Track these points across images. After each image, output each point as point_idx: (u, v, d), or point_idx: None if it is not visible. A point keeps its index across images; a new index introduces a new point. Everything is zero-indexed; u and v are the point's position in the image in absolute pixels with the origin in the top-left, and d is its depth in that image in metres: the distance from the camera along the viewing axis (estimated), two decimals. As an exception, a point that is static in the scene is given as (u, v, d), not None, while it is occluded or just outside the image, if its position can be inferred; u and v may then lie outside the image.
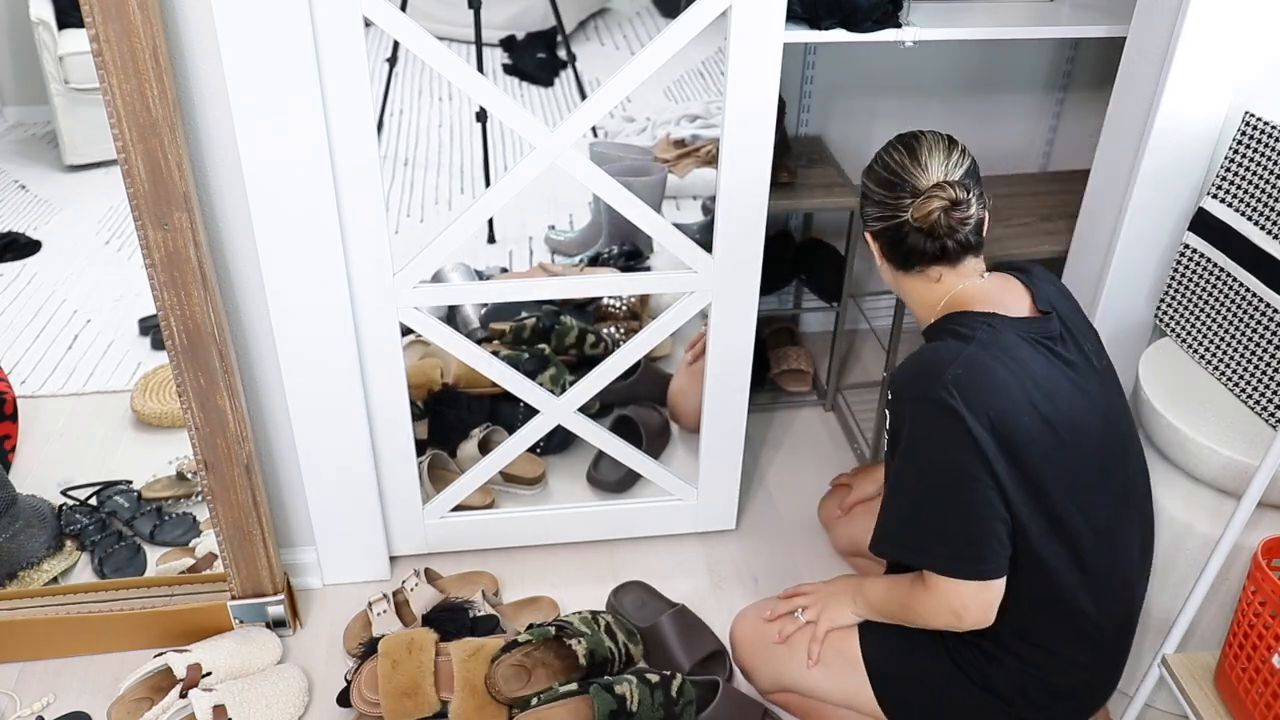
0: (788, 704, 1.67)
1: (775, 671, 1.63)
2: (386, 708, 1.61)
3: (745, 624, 1.70)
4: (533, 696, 1.62)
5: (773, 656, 1.63)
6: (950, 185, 1.33)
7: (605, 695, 1.55)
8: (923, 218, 1.34)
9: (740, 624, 1.72)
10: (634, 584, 1.92)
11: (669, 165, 2.30)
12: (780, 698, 1.68)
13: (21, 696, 1.70)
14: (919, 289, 1.44)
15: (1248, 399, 1.59)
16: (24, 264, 2.04)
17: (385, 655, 1.65)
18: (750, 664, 1.69)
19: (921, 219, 1.35)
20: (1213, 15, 1.56)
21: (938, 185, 1.34)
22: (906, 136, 1.40)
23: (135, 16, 1.31)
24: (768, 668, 1.65)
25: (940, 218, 1.34)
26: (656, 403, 2.26)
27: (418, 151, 2.45)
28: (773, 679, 1.65)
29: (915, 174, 1.36)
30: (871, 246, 1.46)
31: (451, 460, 2.07)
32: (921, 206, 1.34)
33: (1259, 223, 1.55)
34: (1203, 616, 1.61)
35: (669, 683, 1.62)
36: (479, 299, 2.00)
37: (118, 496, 1.90)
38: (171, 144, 1.40)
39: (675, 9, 1.64)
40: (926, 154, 1.37)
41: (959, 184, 1.34)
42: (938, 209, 1.34)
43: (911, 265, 1.41)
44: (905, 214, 1.36)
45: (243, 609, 1.77)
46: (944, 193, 1.33)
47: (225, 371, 1.56)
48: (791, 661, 1.60)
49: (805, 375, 2.43)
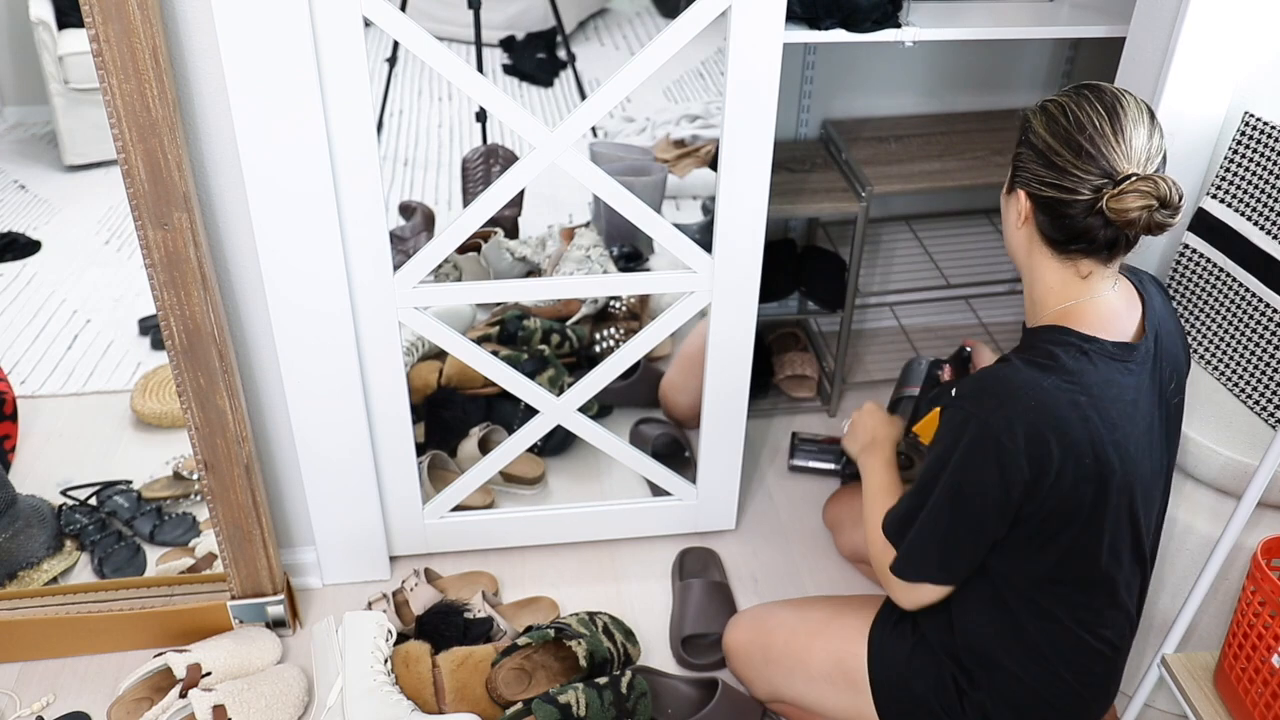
0: (787, 713, 1.67)
1: (771, 685, 1.62)
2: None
3: (739, 632, 1.67)
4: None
5: (766, 670, 1.61)
6: (1161, 181, 1.14)
7: (548, 707, 1.55)
8: (1119, 212, 1.15)
9: (733, 632, 1.69)
10: (705, 549, 2.00)
11: (669, 165, 2.31)
12: (778, 707, 1.67)
13: (21, 696, 1.70)
14: (1057, 277, 1.26)
15: (1247, 399, 1.59)
16: (24, 264, 2.04)
17: (385, 660, 1.66)
18: (745, 675, 1.67)
19: (1118, 213, 1.15)
20: (1212, 15, 1.56)
21: (1144, 179, 1.14)
22: (1105, 94, 1.19)
23: (135, 16, 1.31)
24: (762, 680, 1.63)
25: (1141, 217, 1.15)
26: (655, 404, 2.26)
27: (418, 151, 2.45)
28: (769, 691, 1.64)
29: (1116, 150, 1.16)
30: (1015, 204, 1.26)
31: (451, 460, 2.07)
32: (1122, 199, 1.14)
33: (1259, 223, 1.55)
34: (1203, 616, 1.61)
35: (618, 681, 1.61)
36: (479, 299, 2.00)
37: (117, 496, 1.90)
38: (171, 144, 1.40)
39: (675, 9, 1.64)
40: (1131, 126, 1.17)
41: (1169, 179, 1.15)
42: (1140, 208, 1.14)
43: (1068, 249, 1.22)
44: (1087, 192, 1.16)
45: (242, 609, 1.77)
46: (1154, 189, 1.14)
47: (225, 371, 1.56)
48: (790, 676, 1.57)
49: (810, 381, 2.42)
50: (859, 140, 2.29)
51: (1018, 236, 1.28)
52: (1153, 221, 1.16)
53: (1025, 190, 1.24)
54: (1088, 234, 1.20)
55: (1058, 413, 1.20)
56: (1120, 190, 1.15)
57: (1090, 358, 1.23)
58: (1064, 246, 1.23)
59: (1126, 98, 1.20)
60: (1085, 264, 1.24)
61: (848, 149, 2.24)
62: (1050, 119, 1.21)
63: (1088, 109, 1.18)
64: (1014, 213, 1.27)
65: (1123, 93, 1.20)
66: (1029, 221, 1.25)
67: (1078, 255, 1.23)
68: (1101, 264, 1.24)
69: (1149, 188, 1.14)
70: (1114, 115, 1.17)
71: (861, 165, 2.19)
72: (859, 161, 2.20)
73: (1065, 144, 1.18)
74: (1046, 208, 1.21)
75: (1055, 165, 1.19)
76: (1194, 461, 1.55)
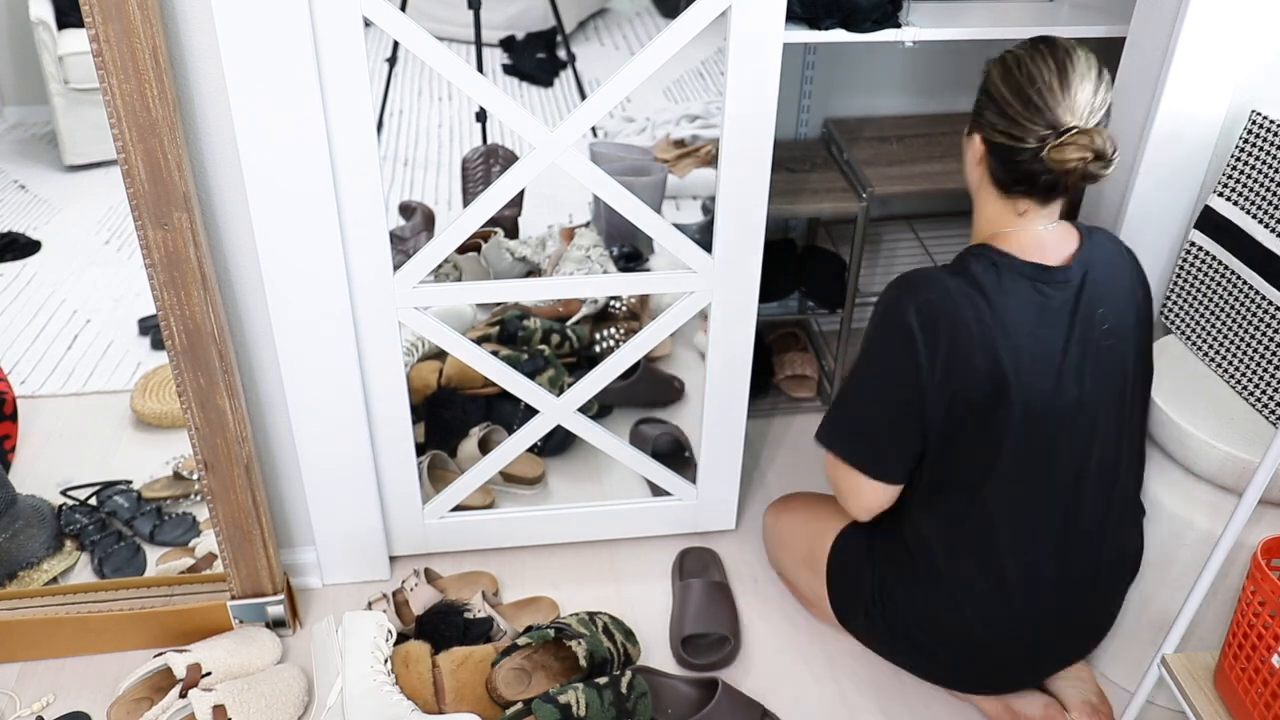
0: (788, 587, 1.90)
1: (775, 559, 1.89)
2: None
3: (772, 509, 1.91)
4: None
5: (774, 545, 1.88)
6: (1097, 134, 1.26)
7: (548, 707, 1.55)
8: (1058, 161, 1.27)
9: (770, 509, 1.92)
10: (705, 549, 2.00)
11: (669, 165, 2.31)
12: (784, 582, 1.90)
13: (21, 696, 1.70)
14: (996, 210, 1.41)
15: (1251, 397, 1.60)
16: (24, 264, 2.04)
17: (385, 660, 1.66)
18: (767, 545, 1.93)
19: (1057, 162, 1.27)
20: (1212, 15, 1.56)
21: (1083, 132, 1.26)
22: (1059, 49, 1.30)
23: (135, 16, 1.31)
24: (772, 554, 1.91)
25: (1077, 167, 1.27)
26: (655, 404, 2.26)
27: (418, 151, 2.45)
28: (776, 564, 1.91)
29: (1060, 103, 1.27)
30: (972, 146, 1.41)
31: (451, 460, 2.07)
32: (1061, 150, 1.27)
33: (1265, 222, 1.55)
34: (1203, 616, 1.61)
35: (618, 681, 1.61)
36: (479, 299, 2.00)
37: (117, 496, 1.90)
38: (171, 144, 1.40)
39: (675, 9, 1.64)
40: (1078, 80, 1.28)
41: (1105, 134, 1.27)
42: (1077, 160, 1.27)
43: (1011, 189, 1.37)
44: (1032, 142, 1.29)
45: (242, 609, 1.77)
46: (1090, 142, 1.26)
47: (225, 371, 1.56)
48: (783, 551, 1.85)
49: (810, 381, 2.42)
50: (860, 140, 2.29)
51: (973, 174, 1.44)
52: (1087, 172, 1.28)
53: (980, 135, 1.38)
54: (1030, 178, 1.34)
55: (954, 307, 1.36)
56: (1061, 142, 1.27)
57: (999, 270, 1.37)
58: (1008, 187, 1.38)
59: (1077, 53, 1.31)
60: (1024, 203, 1.38)
61: (849, 149, 2.24)
62: (1006, 71, 1.33)
63: (1040, 63, 1.30)
64: (971, 153, 1.42)
65: (1074, 47, 1.32)
66: (983, 162, 1.40)
67: (1019, 195, 1.38)
68: (1038, 205, 1.38)
69: (1086, 141, 1.26)
70: (1063, 70, 1.29)
71: (862, 165, 2.19)
72: (860, 161, 2.20)
73: (1017, 95, 1.31)
74: (997, 152, 1.36)
75: (1007, 115, 1.32)
76: (1194, 457, 1.55)
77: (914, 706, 1.73)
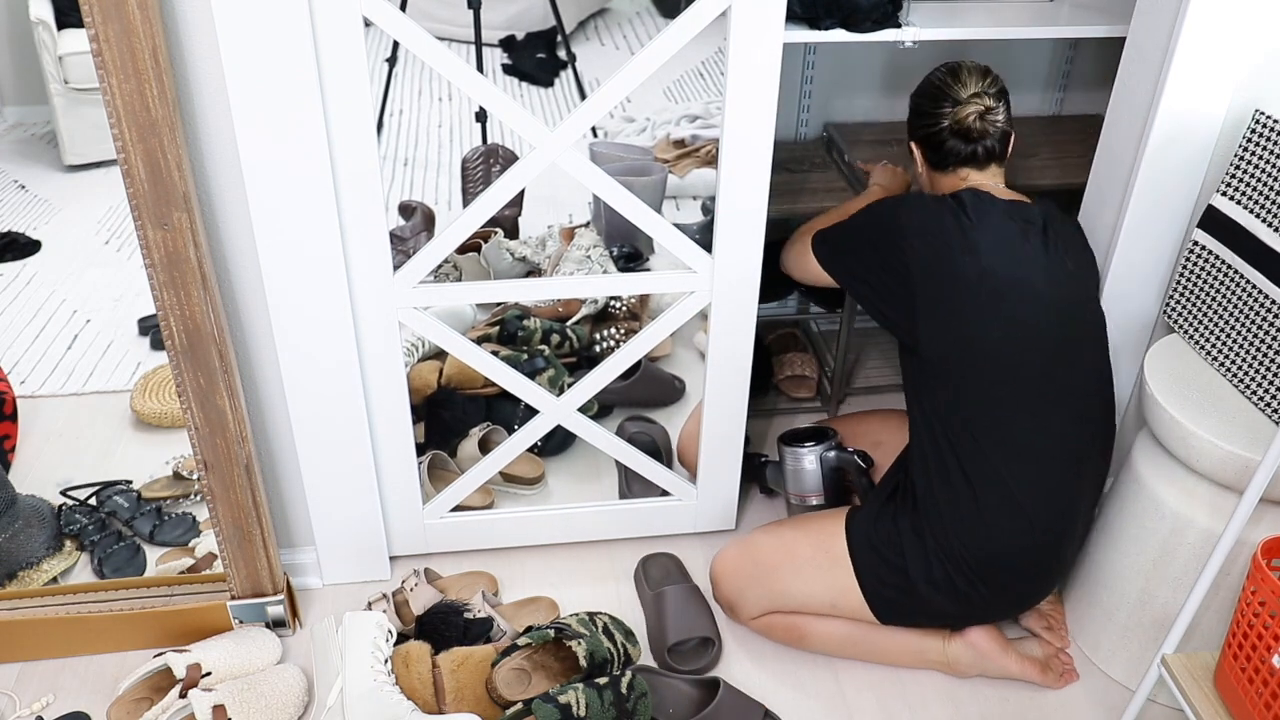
0: (771, 627, 1.77)
1: (764, 589, 1.74)
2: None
3: (728, 554, 1.80)
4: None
5: (757, 575, 1.75)
6: (984, 95, 1.66)
7: (547, 707, 1.54)
8: (960, 120, 1.65)
9: (722, 557, 1.82)
10: (665, 555, 1.97)
11: (669, 165, 2.31)
12: (763, 622, 1.77)
13: (21, 696, 1.70)
14: (947, 185, 1.71)
15: (1253, 396, 1.60)
16: (24, 264, 2.05)
17: (385, 660, 1.66)
18: (736, 593, 1.78)
19: (959, 121, 1.65)
20: (1212, 15, 1.56)
21: (974, 95, 1.65)
22: (950, 63, 1.71)
23: (135, 16, 1.31)
24: (753, 590, 1.75)
25: (975, 120, 1.65)
26: (655, 404, 2.26)
27: (418, 151, 2.45)
28: (757, 601, 1.75)
29: (956, 88, 1.67)
30: (915, 154, 1.76)
31: (451, 460, 2.07)
32: (960, 111, 1.65)
33: (1269, 220, 1.55)
34: (1203, 616, 1.61)
35: (618, 681, 1.61)
36: (479, 299, 2.00)
37: (117, 496, 1.90)
38: (171, 144, 1.40)
39: (675, 9, 1.65)
40: (966, 74, 1.68)
41: (991, 95, 1.66)
42: (973, 112, 1.65)
43: (946, 165, 1.70)
44: (946, 120, 1.66)
45: (242, 609, 1.77)
46: (980, 100, 1.65)
47: (225, 371, 1.56)
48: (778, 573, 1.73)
49: (809, 381, 2.42)
50: (860, 143, 2.29)
51: (922, 176, 1.78)
52: (985, 123, 1.65)
53: (913, 141, 1.75)
54: (955, 152, 1.68)
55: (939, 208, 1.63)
56: (959, 107, 1.65)
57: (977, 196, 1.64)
58: (946, 164, 1.70)
59: (964, 61, 1.70)
60: (963, 171, 1.70)
61: (850, 152, 2.24)
62: (918, 90, 1.74)
63: (937, 73, 1.71)
64: (915, 160, 1.77)
65: (962, 61, 1.71)
66: (924, 161, 1.74)
67: (957, 166, 1.70)
68: (977, 170, 1.69)
69: (977, 100, 1.65)
70: (954, 71, 1.69)
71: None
72: (859, 162, 2.20)
73: (925, 96, 1.71)
74: (928, 143, 1.71)
75: (923, 111, 1.71)
76: (1195, 455, 1.55)
77: (914, 706, 1.73)
